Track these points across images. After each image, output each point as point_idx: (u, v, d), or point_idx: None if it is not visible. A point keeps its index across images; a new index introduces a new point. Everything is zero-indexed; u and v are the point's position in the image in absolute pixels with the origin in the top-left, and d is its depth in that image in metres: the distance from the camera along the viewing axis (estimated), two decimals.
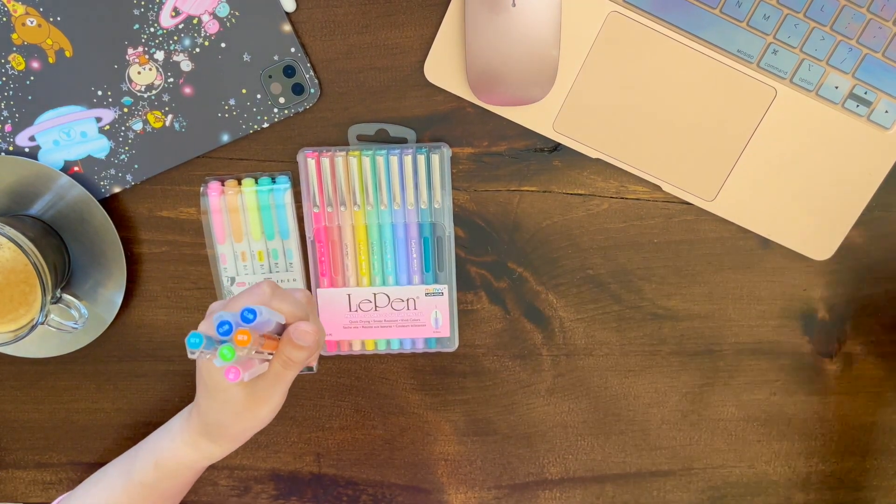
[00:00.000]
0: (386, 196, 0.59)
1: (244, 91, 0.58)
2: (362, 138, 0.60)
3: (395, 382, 0.65)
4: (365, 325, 0.62)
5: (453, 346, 0.63)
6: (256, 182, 0.60)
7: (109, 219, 0.60)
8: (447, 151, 0.59)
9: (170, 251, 0.63)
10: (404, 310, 0.62)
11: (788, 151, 0.60)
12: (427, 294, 0.61)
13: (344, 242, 0.61)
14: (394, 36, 0.59)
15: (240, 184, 0.60)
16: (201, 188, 0.60)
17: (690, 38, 0.58)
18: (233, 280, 0.62)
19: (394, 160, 0.58)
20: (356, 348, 0.64)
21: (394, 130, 0.60)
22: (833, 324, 0.64)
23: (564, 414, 0.66)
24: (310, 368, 0.64)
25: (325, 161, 0.59)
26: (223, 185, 0.60)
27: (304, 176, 0.59)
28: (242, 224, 0.60)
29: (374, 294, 0.62)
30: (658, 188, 0.61)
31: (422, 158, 0.58)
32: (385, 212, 0.60)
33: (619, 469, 0.67)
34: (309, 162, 0.59)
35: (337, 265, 0.62)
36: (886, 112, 0.59)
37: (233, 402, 0.53)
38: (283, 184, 0.60)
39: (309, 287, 0.62)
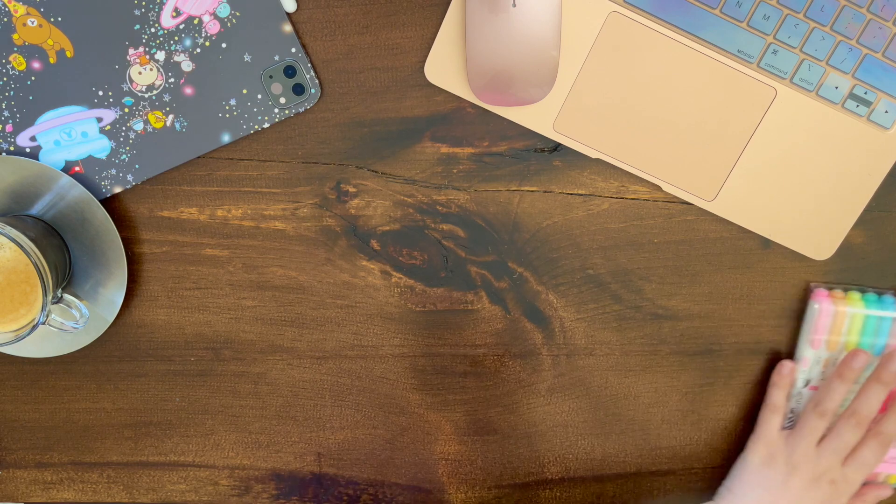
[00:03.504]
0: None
1: (245, 91, 0.58)
2: None
3: (396, 382, 0.65)
4: None
5: None
6: (862, 296, 0.61)
7: (110, 219, 0.60)
8: None
9: (170, 251, 0.63)
10: None
11: (788, 151, 0.60)
12: None
13: None
14: (394, 36, 0.59)
15: (845, 294, 0.61)
16: (810, 291, 0.62)
17: (690, 38, 0.58)
18: (807, 382, 0.63)
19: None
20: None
21: None
22: None
23: (565, 414, 0.66)
24: None
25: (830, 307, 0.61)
26: (830, 292, 0.61)
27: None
28: (841, 336, 0.61)
29: None
30: (658, 188, 0.61)
31: None
32: None
33: (619, 469, 0.67)
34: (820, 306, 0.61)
35: None
36: (886, 112, 0.59)
37: None
38: (890, 304, 0.61)
39: None
